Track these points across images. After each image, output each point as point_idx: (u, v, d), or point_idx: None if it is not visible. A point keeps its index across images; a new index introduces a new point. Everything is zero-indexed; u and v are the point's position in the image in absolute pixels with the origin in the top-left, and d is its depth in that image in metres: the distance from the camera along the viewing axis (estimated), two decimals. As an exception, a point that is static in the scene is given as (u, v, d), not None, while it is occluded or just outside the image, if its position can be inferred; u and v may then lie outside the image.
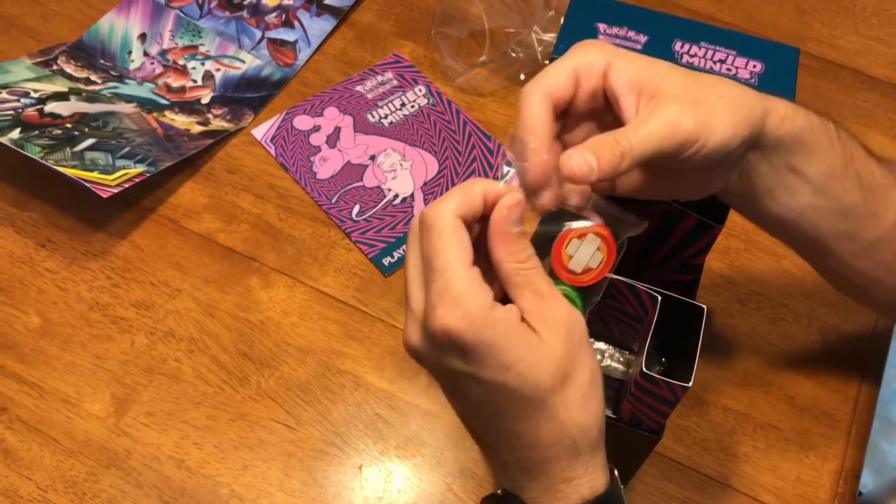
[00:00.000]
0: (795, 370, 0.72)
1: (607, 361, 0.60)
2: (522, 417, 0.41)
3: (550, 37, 0.90)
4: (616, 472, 0.46)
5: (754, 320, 0.75)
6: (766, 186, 0.50)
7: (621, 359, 0.60)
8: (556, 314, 0.41)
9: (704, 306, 0.54)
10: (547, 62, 0.89)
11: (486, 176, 0.82)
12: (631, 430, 0.55)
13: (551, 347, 0.41)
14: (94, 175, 0.73)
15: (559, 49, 0.76)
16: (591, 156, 0.41)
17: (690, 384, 0.49)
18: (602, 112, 0.47)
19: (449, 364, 0.41)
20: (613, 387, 0.60)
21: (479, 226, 0.43)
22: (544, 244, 0.44)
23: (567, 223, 0.44)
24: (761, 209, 0.51)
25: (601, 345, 0.61)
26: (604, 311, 0.59)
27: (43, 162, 0.72)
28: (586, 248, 0.43)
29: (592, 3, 0.79)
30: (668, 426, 0.63)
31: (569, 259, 0.43)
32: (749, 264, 0.79)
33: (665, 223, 0.60)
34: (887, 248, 0.53)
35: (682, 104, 0.44)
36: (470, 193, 0.41)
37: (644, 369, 0.50)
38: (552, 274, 0.43)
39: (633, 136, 0.43)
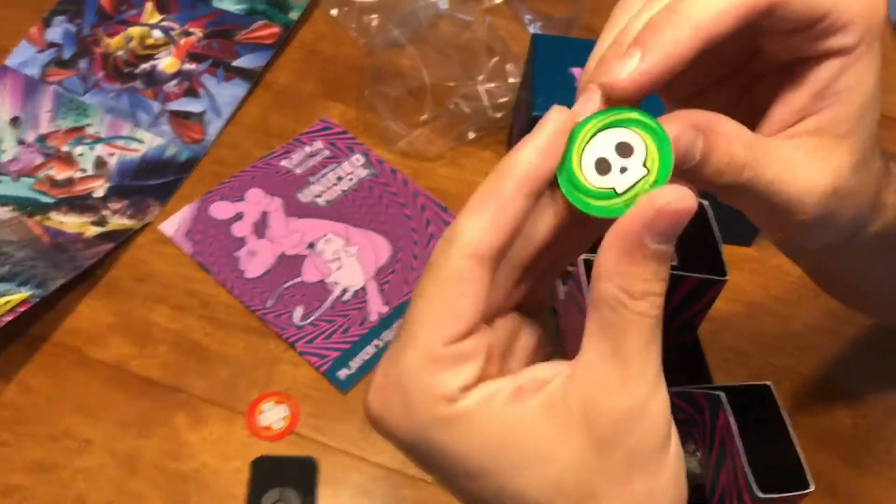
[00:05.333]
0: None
1: None
2: None
3: (494, 86, 0.79)
4: None
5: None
6: None
7: None
8: (625, 402, 0.28)
9: (768, 383, 0.48)
10: (499, 115, 0.77)
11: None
12: None
13: (576, 451, 0.29)
14: (-36, 309, 0.57)
15: (539, 104, 0.64)
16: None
17: (811, 488, 0.44)
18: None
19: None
20: None
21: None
22: None
23: None
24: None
25: None
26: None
27: None
28: (277, 413, 0.50)
29: (558, 45, 0.68)
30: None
31: (261, 413, 0.51)
32: (753, 328, 0.69)
33: None
34: None
35: None
36: (513, 205, 0.29)
37: (760, 493, 0.43)
38: None
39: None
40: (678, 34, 0.29)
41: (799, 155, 0.32)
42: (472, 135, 0.77)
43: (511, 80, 0.78)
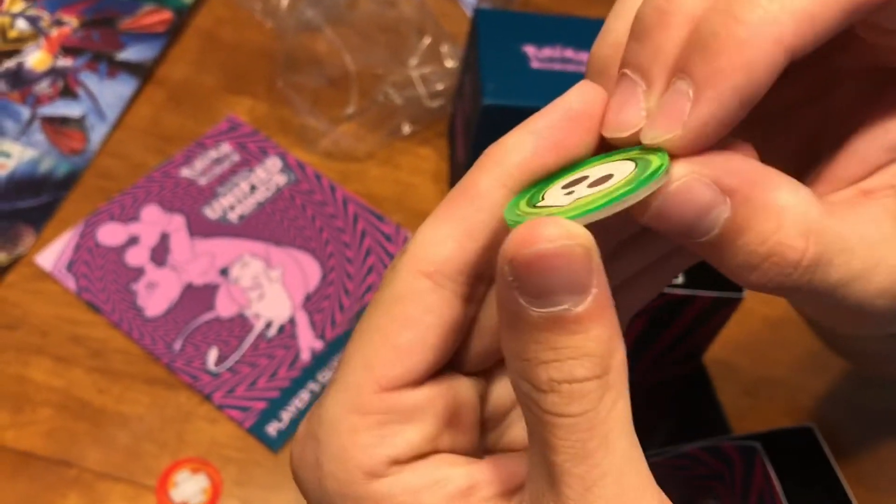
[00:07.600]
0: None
1: None
2: None
3: (429, 71, 0.69)
4: None
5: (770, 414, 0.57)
6: None
7: None
8: None
9: (810, 425, 0.41)
10: (436, 104, 0.67)
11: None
12: None
13: None
14: None
15: (490, 91, 0.54)
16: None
17: None
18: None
19: None
20: None
21: None
22: None
23: None
24: None
25: None
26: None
27: None
28: (194, 484, 0.43)
29: (506, 21, 0.58)
30: None
31: (174, 486, 0.43)
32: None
33: (667, 309, 0.43)
34: None
35: None
36: (488, 204, 0.21)
37: None
38: None
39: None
40: (752, 53, 0.18)
41: (880, 232, 0.21)
42: (407, 128, 0.66)
43: (448, 64, 0.68)
